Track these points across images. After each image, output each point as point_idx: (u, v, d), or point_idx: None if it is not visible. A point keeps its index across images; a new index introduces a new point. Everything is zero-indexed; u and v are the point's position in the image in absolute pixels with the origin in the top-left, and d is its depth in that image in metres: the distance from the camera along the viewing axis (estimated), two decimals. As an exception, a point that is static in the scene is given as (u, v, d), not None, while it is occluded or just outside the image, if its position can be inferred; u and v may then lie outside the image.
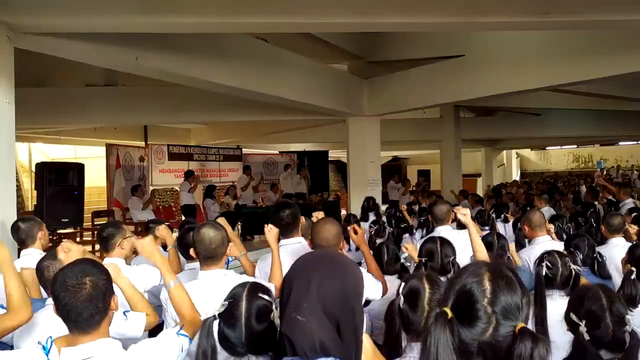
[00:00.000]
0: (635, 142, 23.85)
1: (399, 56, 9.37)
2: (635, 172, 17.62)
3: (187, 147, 14.07)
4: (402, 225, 6.25)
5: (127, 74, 6.13)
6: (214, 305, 1.84)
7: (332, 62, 9.60)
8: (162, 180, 13.23)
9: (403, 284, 2.02)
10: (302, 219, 3.42)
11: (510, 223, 6.37)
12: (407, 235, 6.06)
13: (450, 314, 1.20)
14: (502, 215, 6.96)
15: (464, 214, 3.26)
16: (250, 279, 2.68)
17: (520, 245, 5.00)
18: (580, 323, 1.95)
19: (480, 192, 16.98)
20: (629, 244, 3.60)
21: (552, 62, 7.03)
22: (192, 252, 2.67)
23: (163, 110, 9.84)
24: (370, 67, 9.91)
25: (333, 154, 20.32)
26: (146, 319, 2.44)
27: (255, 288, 1.87)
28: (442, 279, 2.54)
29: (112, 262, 2.64)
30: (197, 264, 2.96)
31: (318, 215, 3.52)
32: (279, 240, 3.17)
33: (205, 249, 2.52)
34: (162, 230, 3.73)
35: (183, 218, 10.17)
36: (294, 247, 3.18)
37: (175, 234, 4.13)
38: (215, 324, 1.78)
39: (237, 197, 12.62)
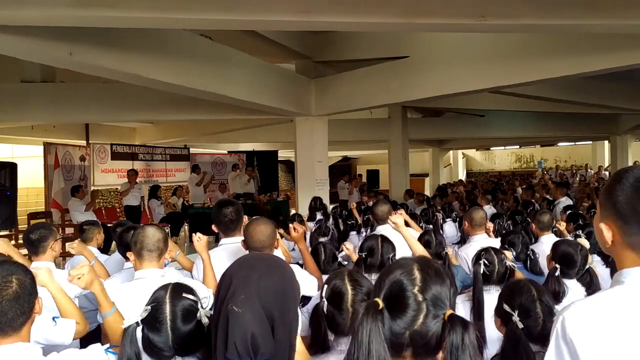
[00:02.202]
0: (573, 143, 24.94)
1: (345, 56, 9.44)
2: (579, 172, 18.40)
3: (131, 146, 13.70)
4: (350, 222, 6.28)
5: (68, 70, 5.88)
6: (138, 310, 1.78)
7: (279, 62, 9.55)
8: (105, 180, 12.85)
9: (326, 286, 2.02)
10: (245, 218, 3.37)
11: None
12: (353, 233, 6.10)
13: (381, 304, 1.19)
14: (453, 214, 7.14)
15: (395, 222, 3.35)
16: (189, 280, 2.62)
17: (464, 242, 5.12)
18: (513, 313, 2.01)
19: (428, 191, 17.33)
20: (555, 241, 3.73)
21: (493, 64, 7.22)
22: (129, 253, 2.60)
23: (105, 108, 9.49)
24: (317, 67, 9.93)
25: (283, 154, 20.27)
26: (76, 326, 2.34)
27: (179, 288, 1.82)
28: (373, 276, 2.56)
29: (43, 266, 2.52)
30: (137, 264, 2.88)
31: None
32: (218, 240, 3.12)
33: (146, 242, 2.46)
34: (77, 248, 3.58)
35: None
36: (236, 247, 3.12)
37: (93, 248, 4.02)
38: (139, 330, 1.72)
39: (187, 197, 12.41)
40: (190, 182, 12.59)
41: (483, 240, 4.05)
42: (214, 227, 3.27)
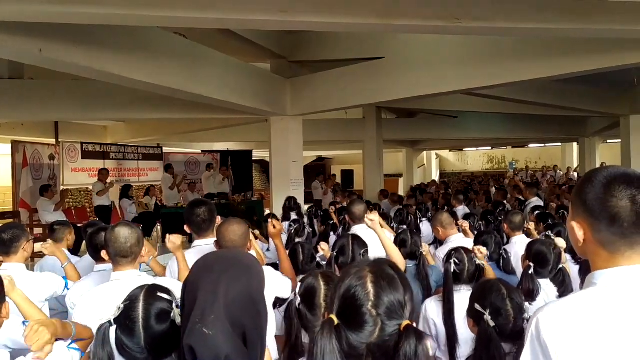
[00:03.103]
0: (543, 145, 25.45)
1: (321, 56, 9.45)
2: (548, 173, 18.77)
3: (102, 145, 13.48)
4: (330, 223, 6.29)
5: (37, 67, 5.74)
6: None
7: (254, 61, 9.51)
8: (75, 179, 12.60)
9: (299, 284, 2.04)
10: (218, 218, 3.34)
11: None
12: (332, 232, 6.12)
13: (336, 321, 1.19)
14: (429, 214, 7.22)
15: (372, 219, 3.37)
16: (168, 280, 2.58)
17: (440, 243, 5.19)
18: (485, 312, 2.03)
19: (402, 192, 17.47)
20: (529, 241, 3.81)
21: (466, 66, 7.32)
22: (103, 253, 2.52)
23: (76, 106, 9.30)
24: (292, 67, 9.92)
25: (257, 154, 20.19)
26: None
27: (154, 288, 1.77)
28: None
29: (9, 274, 2.44)
30: (107, 266, 2.81)
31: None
32: (192, 241, 3.08)
33: (120, 247, 2.38)
34: (49, 248, 3.49)
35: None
36: (208, 248, 3.08)
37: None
38: (112, 330, 1.67)
39: (160, 197, 12.25)
40: (164, 182, 12.44)
41: (459, 240, 4.12)
42: (186, 228, 3.24)
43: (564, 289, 3.12)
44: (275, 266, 3.51)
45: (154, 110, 9.56)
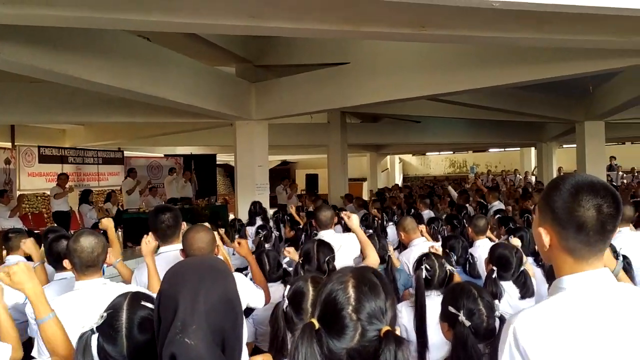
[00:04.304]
0: (503, 150, 26.10)
1: (286, 61, 9.45)
2: (508, 177, 19.20)
3: (60, 149, 13.10)
4: (300, 227, 6.27)
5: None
6: (94, 317, 1.69)
7: (219, 65, 9.43)
8: (32, 184, 12.23)
9: (289, 287, 2.05)
10: (184, 224, 3.29)
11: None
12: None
13: (317, 325, 1.19)
14: (395, 217, 7.28)
15: (349, 215, 3.36)
16: (133, 288, 2.53)
17: (403, 247, 5.24)
18: (459, 313, 2.07)
19: (365, 196, 17.59)
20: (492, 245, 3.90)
21: (430, 73, 7.45)
22: (66, 262, 2.43)
23: (33, 109, 9.01)
24: (258, 71, 9.88)
25: (221, 158, 20.01)
26: (11, 352, 2.18)
27: (138, 296, 1.75)
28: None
29: None
30: (68, 274, 2.73)
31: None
32: (157, 248, 3.02)
33: (87, 258, 2.32)
34: (28, 244, 3.41)
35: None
36: (174, 255, 3.03)
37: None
38: (94, 338, 1.64)
39: (121, 201, 11.98)
40: (124, 187, 12.18)
41: (422, 243, 4.17)
42: (151, 235, 3.17)
43: (526, 290, 3.21)
44: (242, 270, 3.49)
45: (115, 114, 9.37)
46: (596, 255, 1.29)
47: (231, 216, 11.69)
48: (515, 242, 3.65)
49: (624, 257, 3.29)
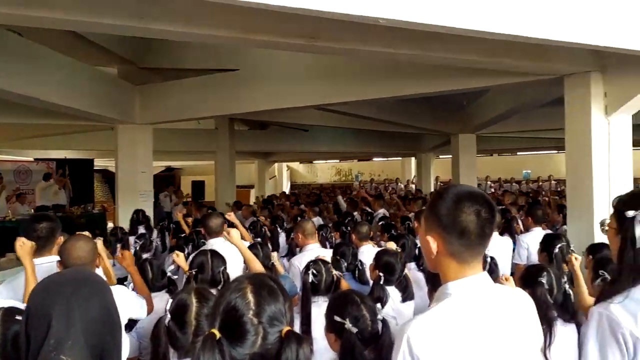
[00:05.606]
0: (386, 159, 27.35)
1: (172, 64, 9.14)
2: (390, 185, 20.08)
3: None
4: (182, 236, 6.08)
5: None
6: None
7: (100, 65, 8.88)
8: None
9: (171, 300, 1.98)
10: (61, 238, 3.07)
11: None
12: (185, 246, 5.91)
13: (218, 335, 1.19)
14: (284, 225, 7.31)
15: (228, 231, 3.37)
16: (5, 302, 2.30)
17: (292, 254, 5.29)
18: (345, 321, 2.11)
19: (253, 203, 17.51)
20: (377, 249, 4.07)
21: (319, 83, 7.61)
22: None
23: None
24: (142, 74, 9.45)
25: (100, 163, 18.92)
26: None
27: (11, 312, 1.64)
28: (213, 291, 2.54)
29: None
30: None
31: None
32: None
33: None
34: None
35: None
36: (48, 267, 2.83)
37: None
38: None
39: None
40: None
41: (316, 249, 4.24)
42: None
43: (407, 294, 3.39)
44: (124, 281, 3.33)
45: (-22, 113, 8.48)
46: (476, 259, 1.41)
47: (110, 224, 11.09)
48: (390, 245, 3.86)
49: (492, 258, 3.61)
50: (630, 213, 1.62)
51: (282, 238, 6.73)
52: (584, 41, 3.85)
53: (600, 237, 1.75)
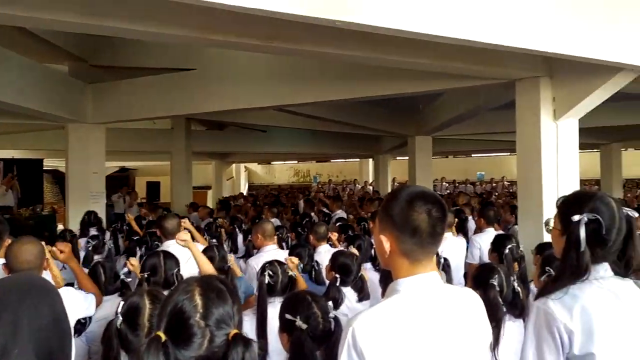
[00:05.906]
0: (344, 160, 27.54)
1: (126, 63, 8.92)
2: (348, 187, 20.20)
3: None
4: (135, 238, 5.95)
5: None
6: None
7: (48, 62, 8.59)
8: None
9: (122, 302, 1.96)
10: (8, 241, 2.97)
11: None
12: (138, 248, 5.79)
13: (164, 337, 1.18)
14: (243, 226, 7.26)
15: (184, 239, 3.35)
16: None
17: (249, 255, 5.27)
18: (296, 318, 2.12)
19: (211, 204, 17.31)
20: (334, 250, 4.10)
21: (277, 84, 7.58)
22: None
23: None
24: (94, 71, 9.18)
25: (49, 163, 18.30)
26: None
27: None
28: (166, 292, 2.50)
29: None
30: None
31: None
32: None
33: None
34: None
35: None
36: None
37: None
38: None
39: None
40: None
41: (274, 250, 4.24)
42: None
43: (363, 294, 3.43)
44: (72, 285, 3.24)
45: None
46: (428, 257, 1.44)
47: (60, 227, 10.75)
48: (353, 251, 3.89)
49: (445, 259, 3.70)
50: (576, 217, 1.67)
51: (239, 239, 6.69)
52: (534, 47, 4.00)
53: (549, 237, 1.83)
